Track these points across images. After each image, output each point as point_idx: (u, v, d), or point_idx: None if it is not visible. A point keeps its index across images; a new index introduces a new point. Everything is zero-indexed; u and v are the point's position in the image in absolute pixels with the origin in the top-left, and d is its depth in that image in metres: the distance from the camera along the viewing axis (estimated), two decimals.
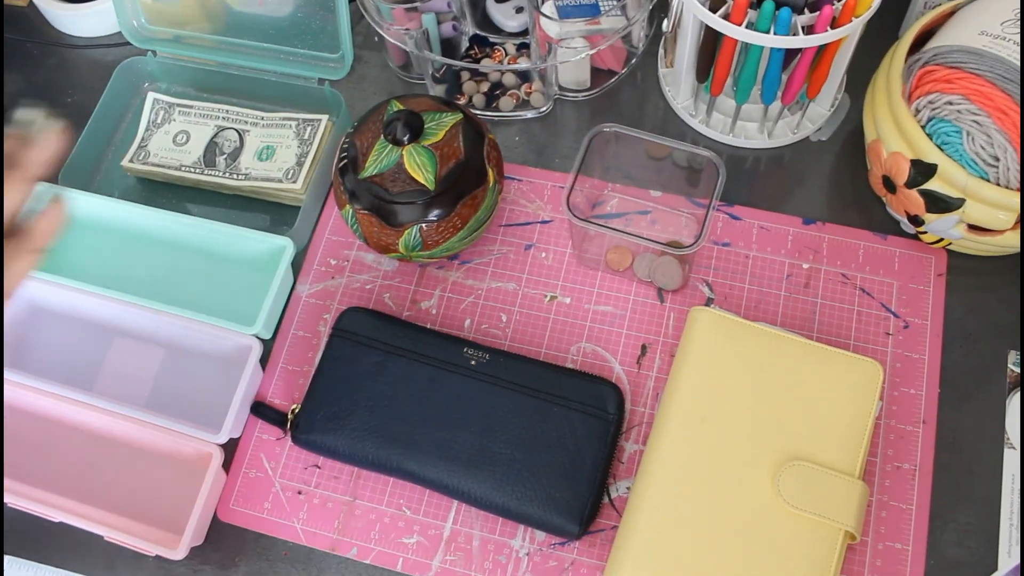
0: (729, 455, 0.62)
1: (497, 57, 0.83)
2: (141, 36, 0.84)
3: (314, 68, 0.81)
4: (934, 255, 0.72)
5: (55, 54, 0.89)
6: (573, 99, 0.82)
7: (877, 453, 0.66)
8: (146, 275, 0.76)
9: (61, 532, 0.68)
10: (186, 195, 0.81)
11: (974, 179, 0.63)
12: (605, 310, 0.72)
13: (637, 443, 0.67)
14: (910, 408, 0.67)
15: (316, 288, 0.75)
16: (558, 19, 0.76)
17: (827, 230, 0.74)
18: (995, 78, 0.63)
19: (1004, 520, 0.64)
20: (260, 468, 0.69)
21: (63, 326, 0.75)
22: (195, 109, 0.82)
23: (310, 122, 0.80)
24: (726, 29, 0.66)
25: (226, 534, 0.67)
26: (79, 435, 0.70)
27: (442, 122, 0.67)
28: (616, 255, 0.73)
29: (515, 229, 0.76)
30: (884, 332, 0.70)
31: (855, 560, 0.63)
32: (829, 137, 0.79)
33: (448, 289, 0.74)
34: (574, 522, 0.63)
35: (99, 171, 0.82)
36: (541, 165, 0.79)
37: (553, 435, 0.65)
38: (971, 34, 0.65)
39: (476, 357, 0.68)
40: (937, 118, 0.65)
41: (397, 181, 0.66)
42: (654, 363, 0.70)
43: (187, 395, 0.72)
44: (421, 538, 0.66)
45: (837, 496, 0.60)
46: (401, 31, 0.77)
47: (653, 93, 0.82)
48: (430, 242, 0.68)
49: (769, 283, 0.72)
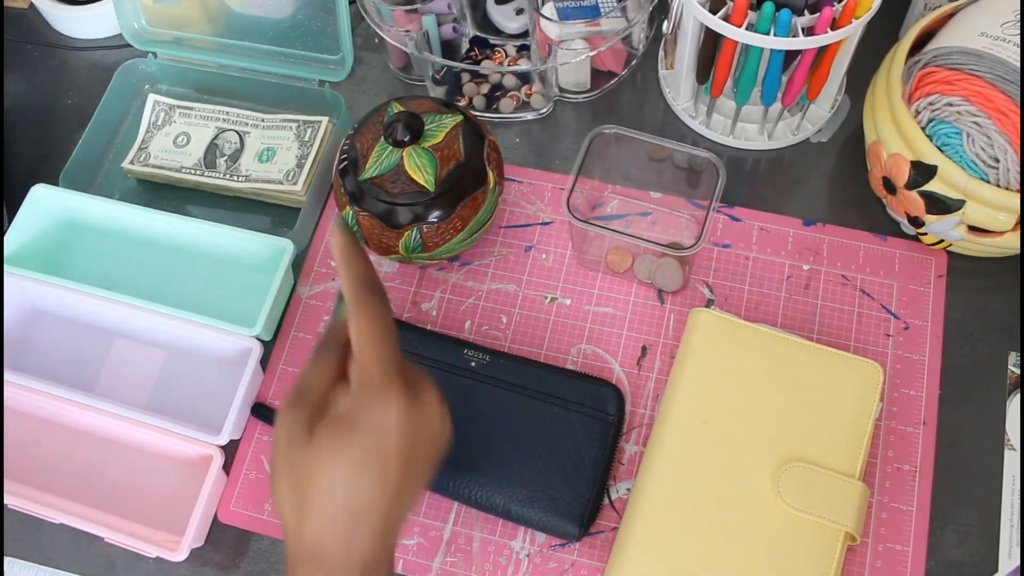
0: (729, 456, 0.62)
1: (497, 59, 0.83)
2: (142, 38, 0.84)
3: (314, 70, 0.81)
4: (934, 256, 0.72)
5: (56, 56, 0.89)
6: (573, 101, 0.82)
7: (877, 454, 0.66)
8: (146, 276, 0.76)
9: (61, 533, 0.68)
10: (186, 197, 0.81)
11: (974, 180, 0.63)
12: (605, 311, 0.72)
13: (637, 444, 0.67)
14: (910, 409, 0.67)
15: (317, 289, 0.75)
16: (558, 21, 0.76)
17: (827, 231, 0.74)
18: (995, 79, 0.63)
19: (1004, 521, 0.64)
20: (260, 470, 0.69)
21: (63, 328, 0.75)
22: (195, 111, 0.82)
23: (310, 124, 0.80)
24: (726, 31, 0.66)
25: (226, 536, 0.67)
26: (79, 436, 0.70)
27: (442, 124, 0.67)
28: (616, 256, 0.73)
29: (515, 231, 0.76)
30: (884, 333, 0.70)
31: (855, 561, 0.63)
32: (829, 138, 0.79)
33: (448, 291, 0.74)
34: (574, 524, 0.63)
35: (100, 173, 0.82)
36: (541, 166, 0.79)
37: (553, 436, 0.65)
38: (971, 35, 0.65)
39: (476, 358, 0.68)
40: (937, 119, 0.65)
41: (397, 183, 0.66)
42: (654, 364, 0.70)
43: (187, 397, 0.72)
44: (421, 539, 0.66)
45: (837, 497, 0.60)
46: (401, 33, 0.77)
47: (653, 95, 0.82)
48: (430, 244, 0.68)
49: (769, 284, 0.72)
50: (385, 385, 0.47)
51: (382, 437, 0.47)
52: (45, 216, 0.76)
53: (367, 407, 0.47)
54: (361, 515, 0.47)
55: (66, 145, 0.81)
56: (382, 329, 0.48)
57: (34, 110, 0.86)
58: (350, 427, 0.47)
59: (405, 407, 0.47)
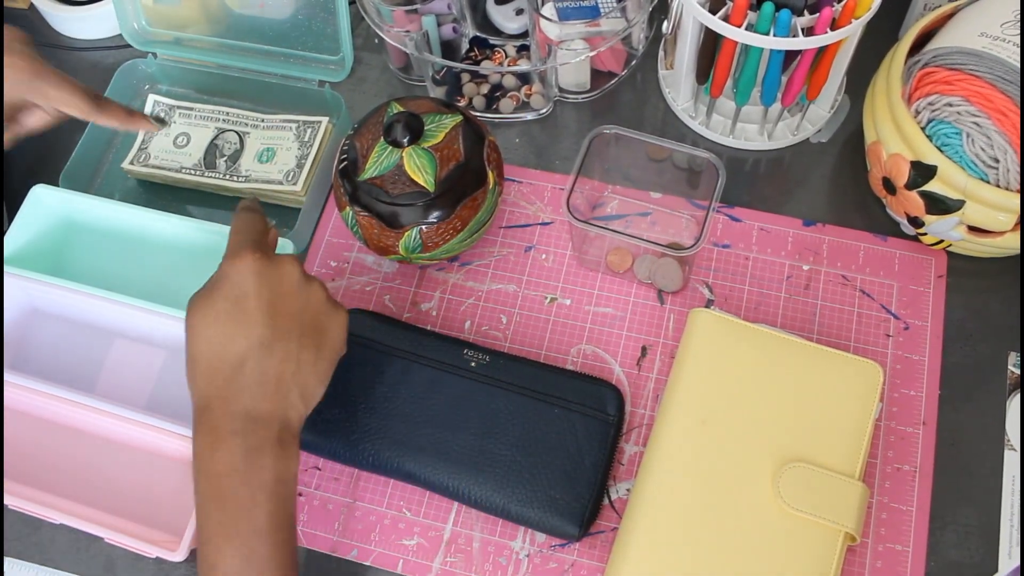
0: (729, 457, 0.62)
1: (497, 59, 0.83)
2: (142, 38, 0.84)
3: (314, 70, 0.81)
4: (934, 256, 0.72)
5: (55, 56, 0.89)
6: (573, 101, 0.82)
7: (877, 455, 0.66)
8: (146, 277, 0.76)
9: (61, 533, 0.68)
10: (186, 197, 0.81)
11: (974, 181, 0.63)
12: (605, 312, 0.72)
13: (637, 445, 0.67)
14: (910, 409, 0.67)
15: None
16: (558, 21, 0.76)
17: (827, 232, 0.74)
18: (995, 80, 0.63)
19: (1004, 522, 0.64)
20: None
21: (63, 328, 0.75)
22: (195, 111, 0.82)
23: (310, 124, 0.80)
24: (726, 31, 0.66)
25: None
26: (79, 437, 0.70)
27: (442, 124, 0.67)
28: (616, 257, 0.73)
29: (515, 231, 0.76)
30: (884, 333, 0.70)
31: (855, 562, 0.63)
32: (829, 139, 0.79)
33: (448, 291, 0.74)
34: (574, 524, 0.63)
35: (100, 173, 0.82)
36: (541, 167, 0.79)
37: (553, 437, 0.65)
38: (971, 36, 0.65)
39: (476, 359, 0.68)
40: (937, 120, 0.65)
41: (397, 183, 0.66)
42: (654, 365, 0.70)
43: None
44: (421, 540, 0.66)
45: (837, 497, 0.60)
46: (401, 33, 0.77)
47: (653, 95, 0.82)
48: (430, 244, 0.68)
49: (769, 285, 0.72)
50: (235, 251, 0.56)
51: (236, 288, 0.55)
52: (45, 216, 0.76)
53: (222, 270, 0.56)
54: (237, 365, 0.54)
55: (66, 145, 0.81)
56: (244, 223, 0.59)
57: None
58: (211, 287, 0.56)
59: (253, 263, 0.55)
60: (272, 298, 0.55)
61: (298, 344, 0.56)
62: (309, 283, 0.58)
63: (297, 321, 0.56)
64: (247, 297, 0.54)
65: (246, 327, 0.54)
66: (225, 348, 0.54)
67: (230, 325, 0.54)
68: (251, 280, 0.55)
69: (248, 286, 0.55)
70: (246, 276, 0.55)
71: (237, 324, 0.54)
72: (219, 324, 0.54)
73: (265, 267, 0.55)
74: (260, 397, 0.54)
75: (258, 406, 0.54)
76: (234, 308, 0.54)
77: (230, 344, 0.54)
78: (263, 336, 0.54)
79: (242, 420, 0.54)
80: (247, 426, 0.54)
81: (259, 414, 0.54)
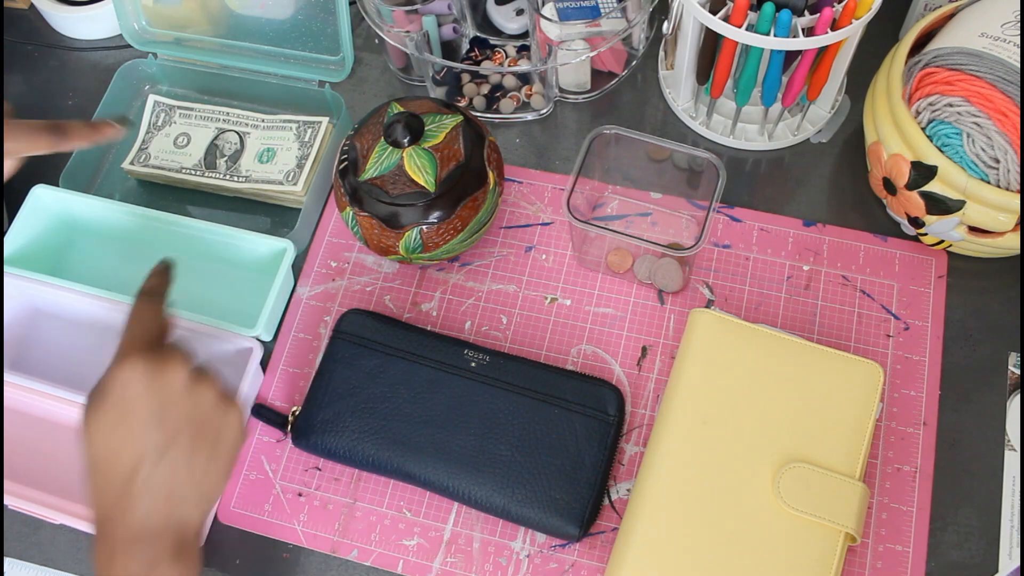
0: (729, 457, 0.62)
1: (497, 59, 0.83)
2: (142, 39, 0.84)
3: (315, 70, 0.81)
4: (934, 257, 0.72)
5: (56, 57, 0.89)
6: (573, 101, 0.82)
7: (878, 455, 0.66)
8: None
9: (61, 533, 0.68)
10: (187, 197, 0.81)
11: (974, 181, 0.63)
12: (605, 312, 0.72)
13: (637, 445, 0.67)
14: (910, 410, 0.67)
15: (317, 290, 0.75)
16: (558, 21, 0.76)
17: (827, 232, 0.74)
18: (995, 80, 0.63)
19: (1005, 522, 0.64)
20: (260, 470, 0.69)
21: (64, 328, 0.75)
22: (196, 111, 0.82)
23: (310, 124, 0.80)
24: (726, 31, 0.66)
25: (226, 536, 0.67)
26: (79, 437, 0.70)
27: (442, 124, 0.67)
28: (616, 257, 0.73)
29: (515, 231, 0.76)
30: (885, 334, 0.70)
31: (855, 562, 0.63)
32: (829, 139, 0.79)
33: (448, 291, 0.74)
34: (574, 524, 0.63)
35: (100, 174, 0.82)
36: (541, 167, 0.79)
37: (553, 437, 0.65)
38: (971, 36, 0.65)
39: (476, 359, 0.68)
40: (937, 120, 0.65)
41: (397, 183, 0.66)
42: (654, 365, 0.70)
43: None
44: (422, 540, 0.66)
45: (837, 498, 0.60)
46: (401, 33, 0.77)
47: (653, 95, 0.82)
48: (430, 244, 0.68)
49: (769, 285, 0.72)
50: (124, 352, 0.54)
51: (122, 395, 0.52)
52: (45, 216, 0.76)
53: (111, 373, 0.53)
54: (128, 476, 0.52)
55: None
56: (138, 317, 0.57)
57: (34, 111, 0.86)
58: (99, 393, 0.53)
59: (140, 367, 0.53)
60: (159, 404, 0.53)
61: (190, 449, 0.54)
62: (198, 383, 0.55)
63: (187, 424, 0.54)
64: (134, 405, 0.52)
65: (134, 437, 0.52)
66: (117, 458, 0.52)
67: (119, 434, 0.52)
68: (137, 387, 0.52)
69: (134, 393, 0.52)
70: (132, 382, 0.52)
71: (127, 433, 0.52)
72: (108, 433, 0.53)
73: (152, 371, 0.53)
74: (152, 510, 0.53)
75: (151, 519, 0.53)
76: (122, 417, 0.52)
77: (121, 453, 0.52)
78: (152, 445, 0.52)
79: (136, 533, 0.52)
80: (142, 539, 0.52)
81: (153, 527, 0.53)
